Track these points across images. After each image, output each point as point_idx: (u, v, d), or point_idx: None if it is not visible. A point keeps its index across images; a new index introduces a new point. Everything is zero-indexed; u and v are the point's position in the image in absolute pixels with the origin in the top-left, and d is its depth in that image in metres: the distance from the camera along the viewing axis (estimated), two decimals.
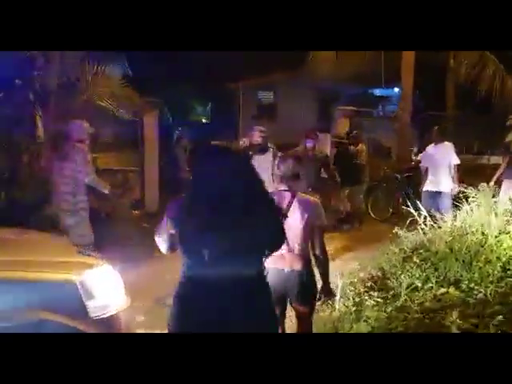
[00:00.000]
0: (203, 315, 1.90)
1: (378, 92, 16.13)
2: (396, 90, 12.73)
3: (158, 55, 23.92)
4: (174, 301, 2.00)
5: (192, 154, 9.02)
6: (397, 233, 5.34)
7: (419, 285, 4.37)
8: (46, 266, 2.25)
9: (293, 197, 2.79)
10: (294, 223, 2.71)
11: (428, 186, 6.79)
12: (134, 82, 22.55)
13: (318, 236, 2.84)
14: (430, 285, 4.34)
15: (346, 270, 5.42)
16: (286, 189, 2.83)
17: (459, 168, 6.70)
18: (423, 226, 5.36)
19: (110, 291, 2.42)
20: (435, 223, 5.37)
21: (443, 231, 5.27)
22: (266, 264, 2.07)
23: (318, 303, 3.13)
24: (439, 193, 6.67)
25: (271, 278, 2.35)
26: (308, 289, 2.84)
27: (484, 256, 4.65)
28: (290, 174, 2.86)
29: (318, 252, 2.85)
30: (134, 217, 7.48)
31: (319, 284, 2.94)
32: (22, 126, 5.57)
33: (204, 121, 27.87)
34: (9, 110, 5.47)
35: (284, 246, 2.50)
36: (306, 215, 2.75)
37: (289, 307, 3.02)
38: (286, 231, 2.31)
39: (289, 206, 2.75)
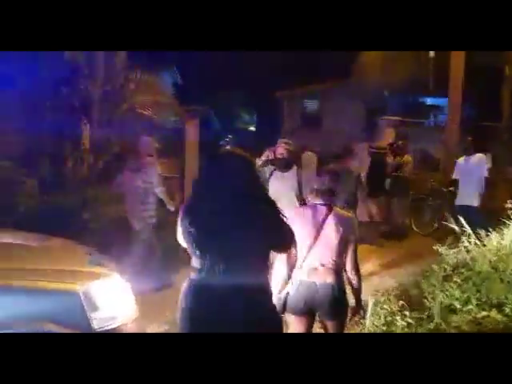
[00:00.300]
0: (206, 315, 1.94)
1: (429, 101, 15.60)
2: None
3: (207, 62, 24.50)
4: (182, 298, 2.03)
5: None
6: (437, 250, 5.08)
7: (458, 306, 4.12)
8: (52, 276, 2.26)
9: (329, 211, 2.78)
10: (328, 237, 2.72)
11: (458, 200, 6.54)
12: (184, 89, 23.23)
13: (351, 251, 2.81)
14: (470, 307, 4.08)
15: (382, 287, 5.24)
16: (322, 203, 2.82)
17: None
18: (466, 243, 5.07)
19: (115, 303, 2.40)
20: (480, 241, 5.06)
21: (488, 249, 4.96)
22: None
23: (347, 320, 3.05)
24: (468, 207, 6.36)
25: (303, 290, 2.60)
26: (339, 303, 2.78)
27: None
28: (325, 189, 2.85)
29: (350, 267, 2.82)
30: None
31: (350, 300, 2.90)
32: (67, 133, 5.78)
33: (251, 128, 28.14)
34: (55, 118, 5.68)
35: (318, 260, 2.66)
36: (341, 230, 2.75)
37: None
38: (321, 245, 2.58)
39: (324, 220, 2.74)
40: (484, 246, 5.02)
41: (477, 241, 5.04)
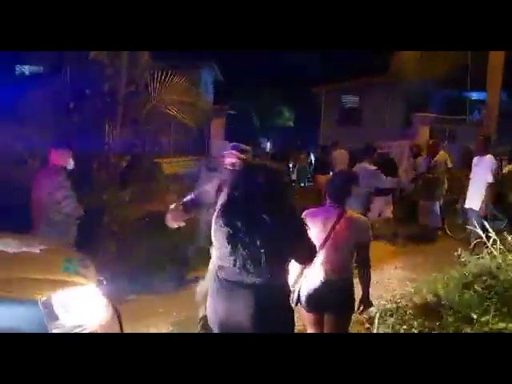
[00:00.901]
0: (224, 312, 2.20)
1: (474, 96, 14.88)
2: None
3: (245, 60, 24.55)
4: (212, 294, 2.28)
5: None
6: (459, 255, 4.85)
7: (475, 317, 3.92)
8: (16, 285, 2.26)
9: (341, 214, 2.85)
10: (339, 240, 2.81)
11: (465, 202, 6.29)
12: (224, 86, 23.32)
13: (363, 252, 2.91)
14: (487, 317, 3.86)
15: (399, 292, 5.08)
16: (335, 205, 2.91)
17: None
18: (492, 249, 4.80)
19: (81, 311, 2.39)
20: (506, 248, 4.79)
21: None
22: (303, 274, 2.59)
23: (356, 315, 3.22)
24: (471, 210, 6.13)
25: (313, 287, 2.81)
26: (346, 301, 2.91)
27: None
28: (337, 192, 2.95)
29: (362, 266, 2.95)
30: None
31: (357, 297, 2.99)
32: (91, 135, 5.94)
33: (289, 125, 27.99)
34: (78, 119, 5.86)
35: (327, 260, 2.80)
36: (353, 233, 2.85)
37: None
38: (331, 247, 2.75)
39: (335, 223, 2.81)
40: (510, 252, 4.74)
41: (503, 247, 4.77)
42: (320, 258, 2.77)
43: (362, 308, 3.03)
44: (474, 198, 6.09)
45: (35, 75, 6.12)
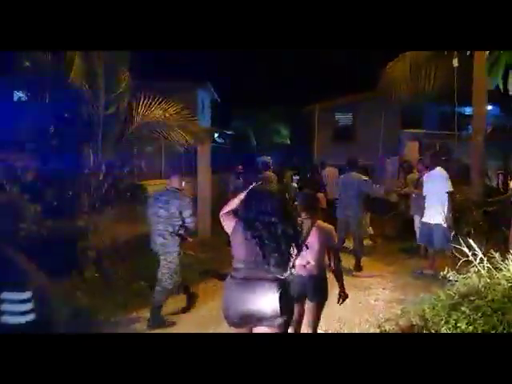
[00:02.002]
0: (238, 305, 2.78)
1: (464, 111, 14.85)
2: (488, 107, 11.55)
3: (240, 80, 24.74)
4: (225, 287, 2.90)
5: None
6: (445, 276, 4.68)
7: None
8: None
9: (312, 224, 3.53)
10: (312, 244, 3.51)
11: (424, 217, 6.39)
12: (221, 107, 23.52)
13: (333, 253, 3.70)
14: None
15: (386, 315, 4.90)
16: (307, 217, 3.56)
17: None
18: (479, 268, 4.64)
19: None
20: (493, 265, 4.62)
21: (503, 276, 4.51)
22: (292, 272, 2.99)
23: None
24: (433, 225, 6.22)
25: (296, 282, 3.36)
26: (321, 289, 3.67)
27: None
28: (307, 206, 3.65)
29: (333, 264, 3.70)
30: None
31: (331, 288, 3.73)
32: (71, 158, 5.87)
33: (286, 143, 28.04)
34: (58, 143, 5.79)
35: (304, 259, 3.50)
36: (321, 238, 3.58)
37: None
38: (308, 249, 3.37)
39: (309, 231, 3.47)
40: (501, 271, 4.58)
41: (489, 265, 4.61)
42: (300, 258, 3.29)
43: (340, 298, 3.72)
44: (437, 212, 6.12)
45: (14, 100, 6.10)
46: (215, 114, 27.78)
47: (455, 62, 7.80)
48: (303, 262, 3.50)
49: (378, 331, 4.22)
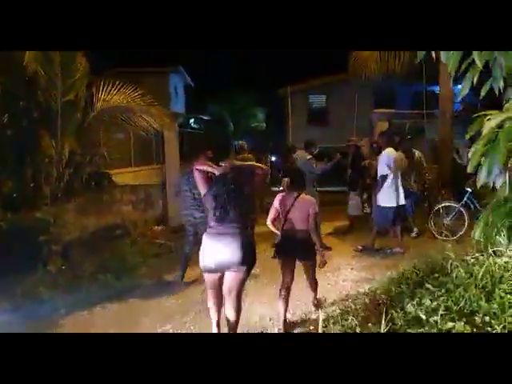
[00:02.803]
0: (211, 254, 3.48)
1: (434, 90, 14.94)
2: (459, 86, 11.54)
3: (213, 63, 24.37)
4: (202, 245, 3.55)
5: None
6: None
7: (423, 317, 3.75)
8: None
9: (296, 197, 4.27)
10: (296, 211, 4.24)
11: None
12: (196, 92, 23.16)
13: (311, 218, 4.25)
14: (435, 318, 3.70)
15: (353, 294, 4.91)
16: (295, 190, 4.33)
17: None
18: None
19: None
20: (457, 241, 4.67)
21: (467, 252, 4.55)
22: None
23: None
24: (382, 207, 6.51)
25: (284, 242, 4.27)
26: (309, 247, 4.29)
27: (509, 283, 3.91)
28: (289, 184, 4.51)
29: (311, 227, 4.24)
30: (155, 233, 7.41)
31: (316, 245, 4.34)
32: (29, 146, 5.65)
33: (262, 127, 27.86)
34: (15, 131, 5.57)
35: (291, 224, 4.23)
36: (304, 205, 4.26)
37: None
38: (292, 216, 4.23)
39: (295, 199, 4.26)
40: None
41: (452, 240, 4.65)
42: (287, 223, 4.25)
43: (322, 252, 4.47)
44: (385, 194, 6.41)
45: None
46: (190, 99, 27.39)
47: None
48: (289, 226, 4.25)
49: (340, 311, 4.21)
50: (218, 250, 3.43)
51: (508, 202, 2.00)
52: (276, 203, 4.24)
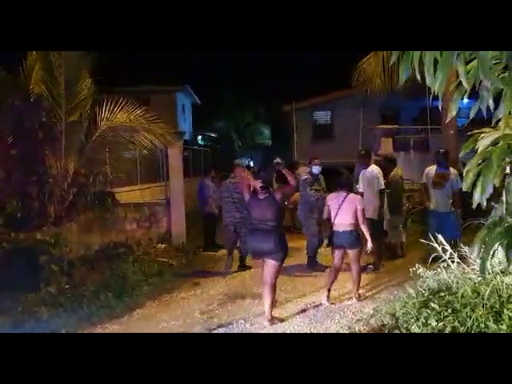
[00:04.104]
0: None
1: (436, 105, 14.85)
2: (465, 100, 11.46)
3: (219, 81, 24.60)
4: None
5: None
6: (415, 271, 4.61)
7: None
8: None
9: (346, 195, 5.24)
10: (345, 208, 5.18)
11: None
12: (203, 110, 23.34)
13: (360, 213, 5.17)
14: None
15: (358, 315, 4.81)
16: (344, 190, 5.31)
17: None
18: (449, 263, 4.56)
19: None
20: (463, 260, 4.56)
21: (473, 270, 4.44)
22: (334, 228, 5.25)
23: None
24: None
25: (336, 235, 5.22)
26: (355, 240, 5.22)
27: None
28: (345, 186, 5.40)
29: (360, 221, 5.17)
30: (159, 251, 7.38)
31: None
32: (33, 166, 5.69)
33: (268, 143, 27.97)
34: (20, 152, 5.61)
35: (341, 219, 5.19)
36: (351, 204, 5.19)
37: None
38: (342, 212, 5.18)
39: (343, 200, 5.22)
40: (469, 266, 4.51)
41: (459, 260, 4.54)
42: (338, 218, 5.19)
43: (368, 243, 5.21)
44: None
45: None
46: (197, 117, 27.59)
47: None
48: (339, 221, 5.18)
49: (347, 332, 4.12)
50: (258, 242, 4.56)
51: (504, 221, 1.94)
52: (328, 202, 5.32)
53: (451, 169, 6.56)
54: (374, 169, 6.50)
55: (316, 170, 6.79)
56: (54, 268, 5.00)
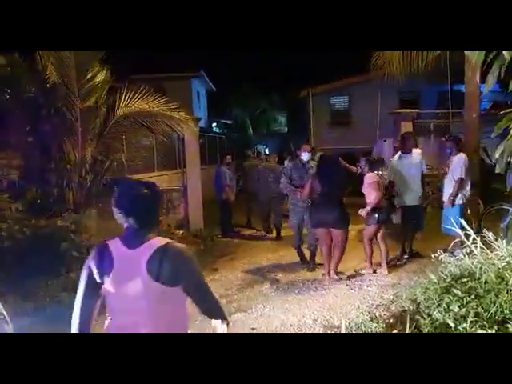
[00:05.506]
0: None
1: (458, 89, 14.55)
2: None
3: (234, 67, 24.45)
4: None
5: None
6: (437, 257, 4.52)
7: (452, 325, 3.60)
8: None
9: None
10: (369, 189, 5.80)
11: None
12: (217, 97, 23.25)
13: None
14: (464, 325, 3.54)
15: (378, 299, 4.77)
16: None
17: None
18: (472, 248, 4.46)
19: None
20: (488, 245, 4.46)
21: (496, 255, 4.34)
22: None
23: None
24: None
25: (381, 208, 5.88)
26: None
27: None
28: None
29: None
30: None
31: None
32: (52, 152, 5.73)
33: (283, 130, 27.78)
34: (37, 139, 5.65)
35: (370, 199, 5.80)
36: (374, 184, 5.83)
37: None
38: (368, 193, 5.82)
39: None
40: (492, 251, 4.40)
41: (482, 246, 4.43)
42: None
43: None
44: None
45: None
46: (212, 104, 27.51)
47: None
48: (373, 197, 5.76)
49: (368, 318, 4.07)
50: (324, 214, 5.47)
51: None
52: (377, 178, 5.84)
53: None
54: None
55: (305, 156, 6.34)
56: (74, 254, 5.05)
